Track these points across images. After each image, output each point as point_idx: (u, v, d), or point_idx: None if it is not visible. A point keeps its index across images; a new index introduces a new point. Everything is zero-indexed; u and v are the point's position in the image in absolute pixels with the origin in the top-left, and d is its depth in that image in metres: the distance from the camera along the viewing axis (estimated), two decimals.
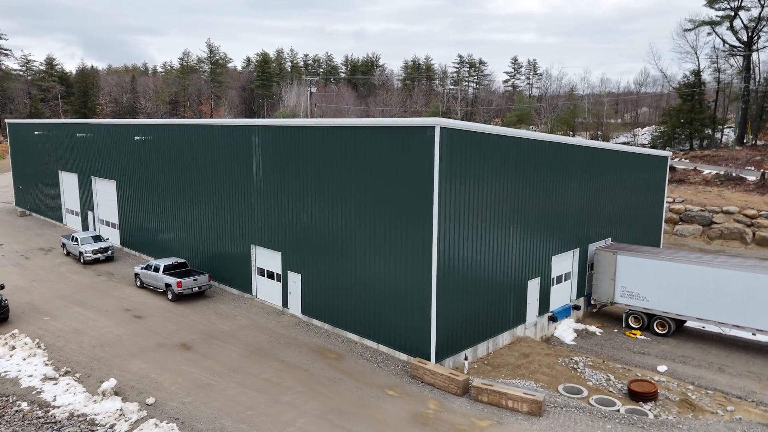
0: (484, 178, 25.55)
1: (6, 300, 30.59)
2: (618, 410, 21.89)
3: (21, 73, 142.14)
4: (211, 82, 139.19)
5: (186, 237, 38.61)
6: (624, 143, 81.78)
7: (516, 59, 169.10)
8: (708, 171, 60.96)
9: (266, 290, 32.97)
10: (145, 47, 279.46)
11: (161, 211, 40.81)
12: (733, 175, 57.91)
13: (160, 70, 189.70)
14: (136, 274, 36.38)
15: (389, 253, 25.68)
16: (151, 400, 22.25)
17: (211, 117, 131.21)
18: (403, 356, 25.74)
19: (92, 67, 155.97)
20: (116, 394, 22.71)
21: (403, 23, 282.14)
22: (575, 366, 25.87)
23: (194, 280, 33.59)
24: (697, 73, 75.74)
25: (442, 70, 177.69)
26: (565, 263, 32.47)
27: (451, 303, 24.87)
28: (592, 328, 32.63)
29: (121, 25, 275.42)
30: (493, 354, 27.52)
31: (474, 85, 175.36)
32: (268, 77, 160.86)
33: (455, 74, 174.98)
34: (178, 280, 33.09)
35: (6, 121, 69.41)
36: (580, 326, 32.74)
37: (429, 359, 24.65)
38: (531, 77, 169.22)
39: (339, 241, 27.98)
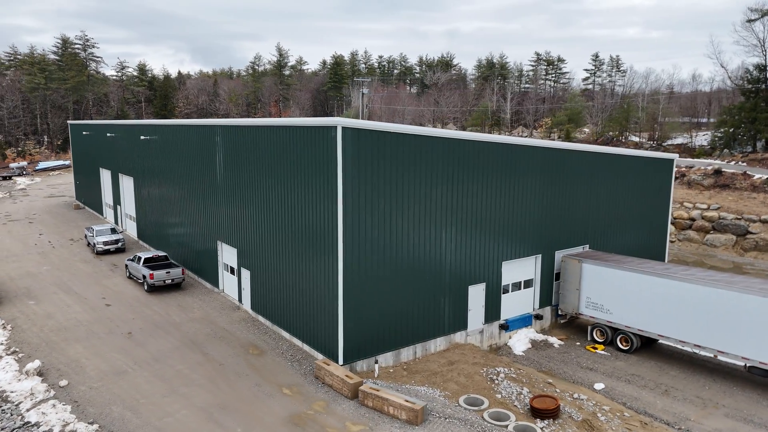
0: (404, 178, 24.96)
1: None
2: (506, 426, 20.71)
3: (117, 78, 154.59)
4: (280, 84, 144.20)
5: (177, 231, 40.62)
6: (681, 145, 75.85)
7: (597, 56, 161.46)
8: (759, 176, 55.28)
9: (229, 285, 34.06)
10: (246, 52, 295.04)
11: (161, 206, 43.18)
12: None
13: (243, 73, 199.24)
14: (126, 265, 38.77)
15: (308, 253, 25.79)
16: (64, 383, 23.81)
17: (279, 118, 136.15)
18: (321, 356, 25.74)
19: (179, 72, 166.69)
20: (39, 374, 24.51)
21: (497, 22, 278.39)
22: (495, 377, 24.66)
23: (167, 272, 35.27)
24: (762, 68, 68.63)
25: (517, 69, 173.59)
26: (523, 270, 30.92)
27: (363, 305, 24.53)
28: (553, 340, 30.86)
29: (226, 32, 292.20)
30: (421, 359, 26.81)
31: (551, 83, 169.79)
32: (339, 79, 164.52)
33: (531, 72, 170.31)
34: (151, 272, 34.91)
35: (68, 122, 75.98)
36: (541, 337, 31.06)
37: (337, 360, 24.51)
38: (613, 74, 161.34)
39: (273, 237, 28.43)
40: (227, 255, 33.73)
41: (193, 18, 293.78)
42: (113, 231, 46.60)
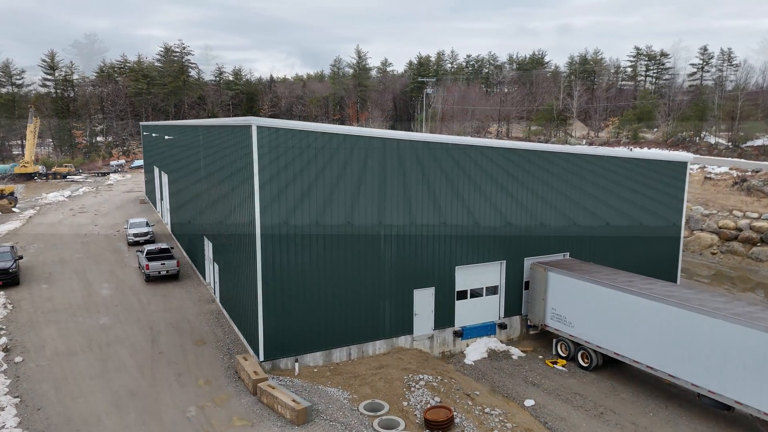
0: (335, 179, 24.80)
1: (14, 268, 37.30)
2: None
3: (214, 82, 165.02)
4: (358, 86, 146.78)
5: (188, 226, 42.96)
6: (761, 146, 67.90)
7: (705, 49, 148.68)
8: None
9: (212, 279, 35.53)
10: (352, 55, 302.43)
11: (180, 202, 45.88)
12: None
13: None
14: (137, 256, 41.59)
15: (241, 249, 26.40)
16: (19, 359, 26.17)
17: (357, 120, 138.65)
18: (252, 351, 26.25)
19: (271, 76, 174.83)
20: (5, 350, 27.11)
21: (615, 15, 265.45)
22: (414, 384, 23.84)
23: (161, 264, 37.43)
24: None
25: (615, 65, 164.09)
26: (485, 276, 29.49)
27: (287, 304, 24.68)
28: (514, 351, 29.20)
29: (335, 36, 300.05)
30: (355, 361, 26.45)
31: (653, 79, 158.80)
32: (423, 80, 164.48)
33: (630, 69, 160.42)
34: (147, 263, 37.24)
35: (140, 123, 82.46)
36: (503, 347, 29.50)
37: (259, 356, 24.89)
38: (725, 69, 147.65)
39: (227, 234, 29.37)
40: (208, 250, 35.24)
41: (305, 24, 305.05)
42: (147, 224, 50.07)
